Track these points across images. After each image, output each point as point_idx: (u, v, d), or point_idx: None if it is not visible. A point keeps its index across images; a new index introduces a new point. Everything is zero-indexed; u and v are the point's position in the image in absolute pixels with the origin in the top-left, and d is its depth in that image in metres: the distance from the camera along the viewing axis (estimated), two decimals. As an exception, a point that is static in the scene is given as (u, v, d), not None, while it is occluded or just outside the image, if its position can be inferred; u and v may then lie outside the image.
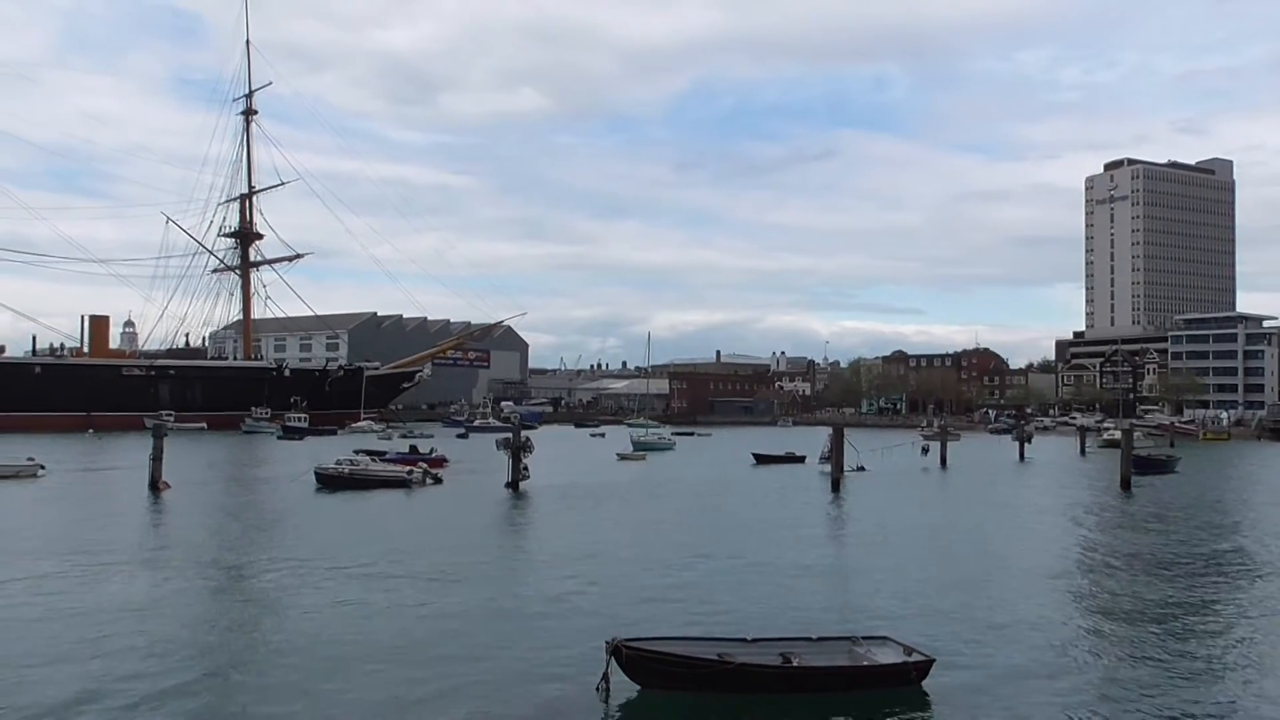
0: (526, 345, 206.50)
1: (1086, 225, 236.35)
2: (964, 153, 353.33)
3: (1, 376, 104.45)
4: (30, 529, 29.65)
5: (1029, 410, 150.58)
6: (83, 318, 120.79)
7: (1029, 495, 46.33)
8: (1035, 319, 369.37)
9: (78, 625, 17.15)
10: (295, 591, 20.54)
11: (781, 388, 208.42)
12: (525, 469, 42.06)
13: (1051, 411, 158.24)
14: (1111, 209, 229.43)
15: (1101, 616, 19.33)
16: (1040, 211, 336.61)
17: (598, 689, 13.34)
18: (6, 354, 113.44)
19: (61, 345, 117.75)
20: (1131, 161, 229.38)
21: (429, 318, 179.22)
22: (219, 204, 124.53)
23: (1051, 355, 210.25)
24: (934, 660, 14.24)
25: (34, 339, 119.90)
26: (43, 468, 46.77)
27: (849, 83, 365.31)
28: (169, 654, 15.38)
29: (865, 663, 14.19)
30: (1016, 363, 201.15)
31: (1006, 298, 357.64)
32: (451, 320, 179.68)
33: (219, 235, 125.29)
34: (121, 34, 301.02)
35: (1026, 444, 74.10)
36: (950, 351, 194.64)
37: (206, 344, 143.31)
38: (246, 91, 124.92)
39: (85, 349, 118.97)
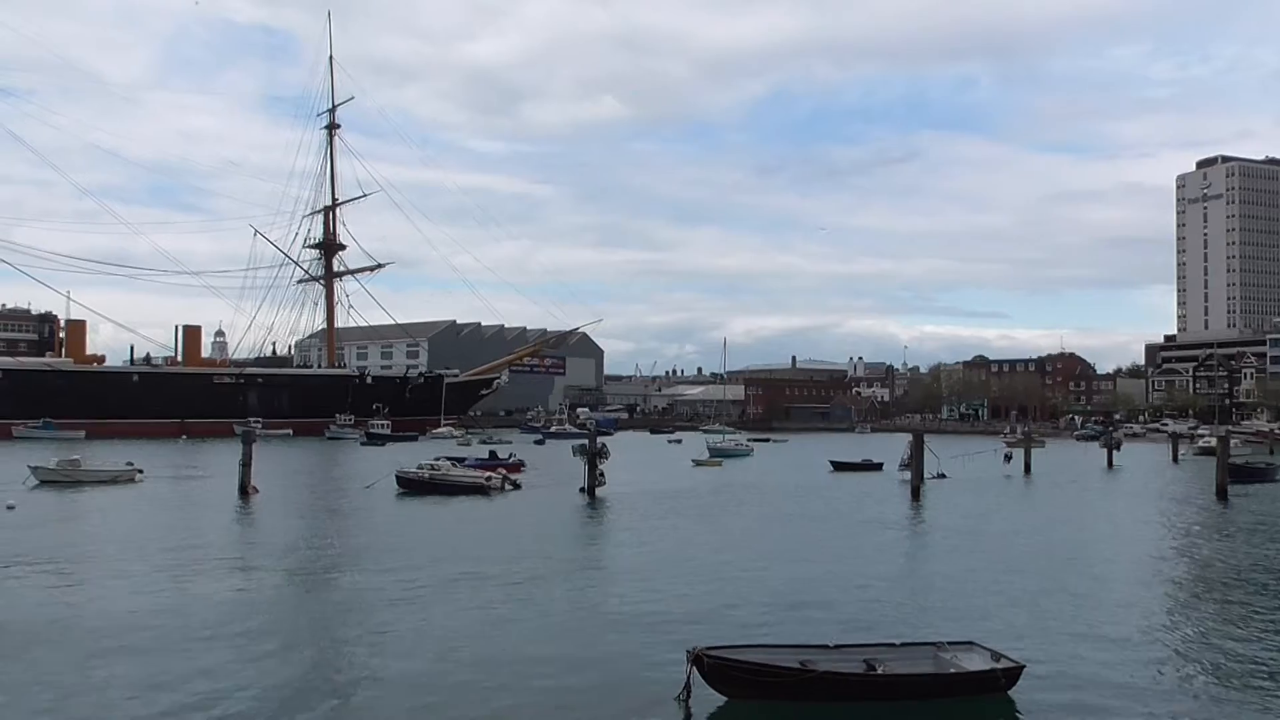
0: (602, 352, 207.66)
1: (1178, 225, 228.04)
2: (1052, 152, 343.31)
3: (102, 385, 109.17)
4: (131, 530, 30.86)
5: (1117, 416, 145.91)
6: (177, 328, 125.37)
7: (1118, 504, 44.88)
8: (1124, 322, 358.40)
9: (175, 622, 17.72)
10: (380, 593, 20.94)
11: (859, 393, 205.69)
12: (601, 475, 42.23)
13: (1141, 418, 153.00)
14: (1204, 208, 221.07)
15: (1199, 632, 18.59)
16: (1132, 211, 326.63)
17: (678, 698, 13.23)
18: (107, 363, 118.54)
19: (147, 355, 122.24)
20: (1226, 159, 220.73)
21: (506, 325, 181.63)
22: (304, 216, 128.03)
23: (1141, 360, 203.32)
24: (1024, 667, 13.83)
25: (132, 349, 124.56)
26: (141, 472, 48.53)
27: (932, 84, 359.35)
28: (261, 651, 15.83)
29: (951, 670, 13.87)
30: (1104, 367, 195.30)
31: (1093, 300, 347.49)
32: (528, 327, 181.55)
33: (304, 246, 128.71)
34: (218, 54, 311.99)
35: (1115, 451, 71.76)
36: (1034, 356, 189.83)
37: (292, 352, 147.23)
38: (330, 106, 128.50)
39: (179, 358, 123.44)
